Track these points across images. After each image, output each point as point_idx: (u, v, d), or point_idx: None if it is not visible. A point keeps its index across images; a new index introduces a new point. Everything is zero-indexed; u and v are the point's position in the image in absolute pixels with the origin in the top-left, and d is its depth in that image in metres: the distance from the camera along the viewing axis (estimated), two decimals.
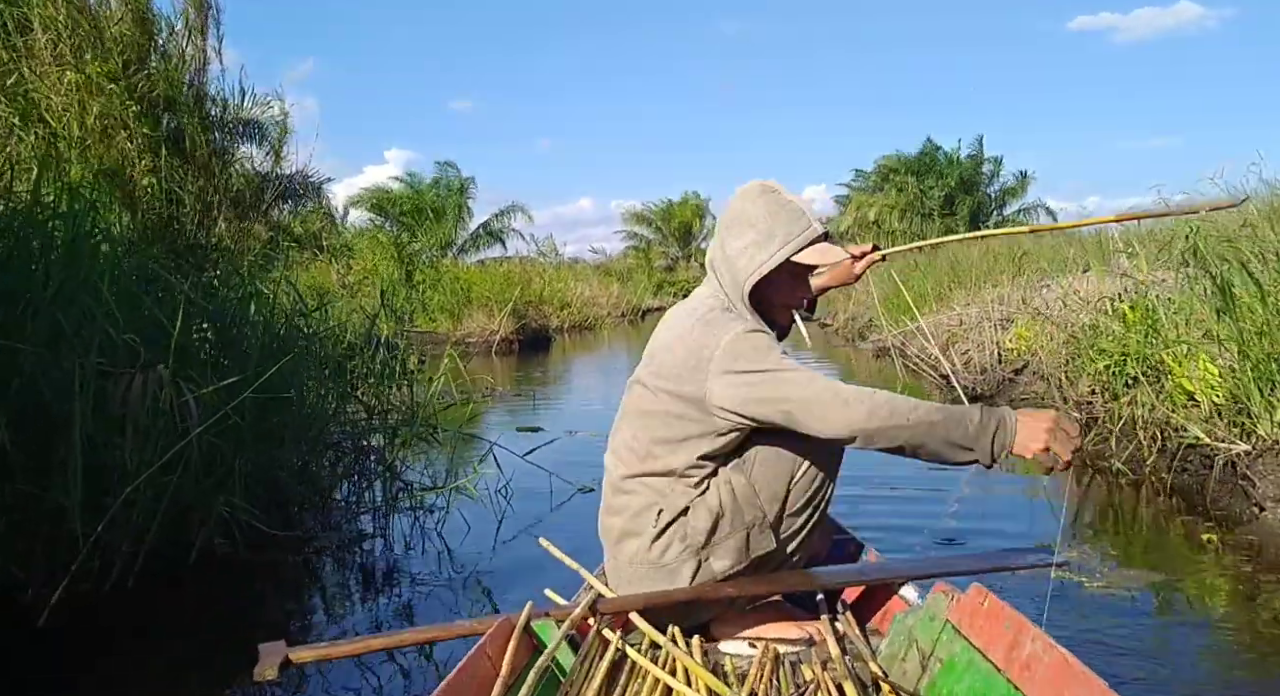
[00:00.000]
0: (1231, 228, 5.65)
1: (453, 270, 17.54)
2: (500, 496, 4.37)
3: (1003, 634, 1.56)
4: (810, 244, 1.86)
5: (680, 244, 44.82)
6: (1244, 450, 3.56)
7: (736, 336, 1.80)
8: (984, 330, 7.62)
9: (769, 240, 1.86)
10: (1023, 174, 30.68)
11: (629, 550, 1.94)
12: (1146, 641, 2.49)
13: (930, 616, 1.77)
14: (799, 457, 1.88)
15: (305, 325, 4.71)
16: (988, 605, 1.63)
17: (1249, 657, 2.42)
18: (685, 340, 1.88)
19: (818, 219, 1.90)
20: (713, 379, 1.80)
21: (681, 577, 1.89)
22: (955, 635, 1.68)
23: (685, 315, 1.95)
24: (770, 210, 1.88)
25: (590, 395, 9.78)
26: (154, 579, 3.00)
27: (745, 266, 1.87)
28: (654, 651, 1.78)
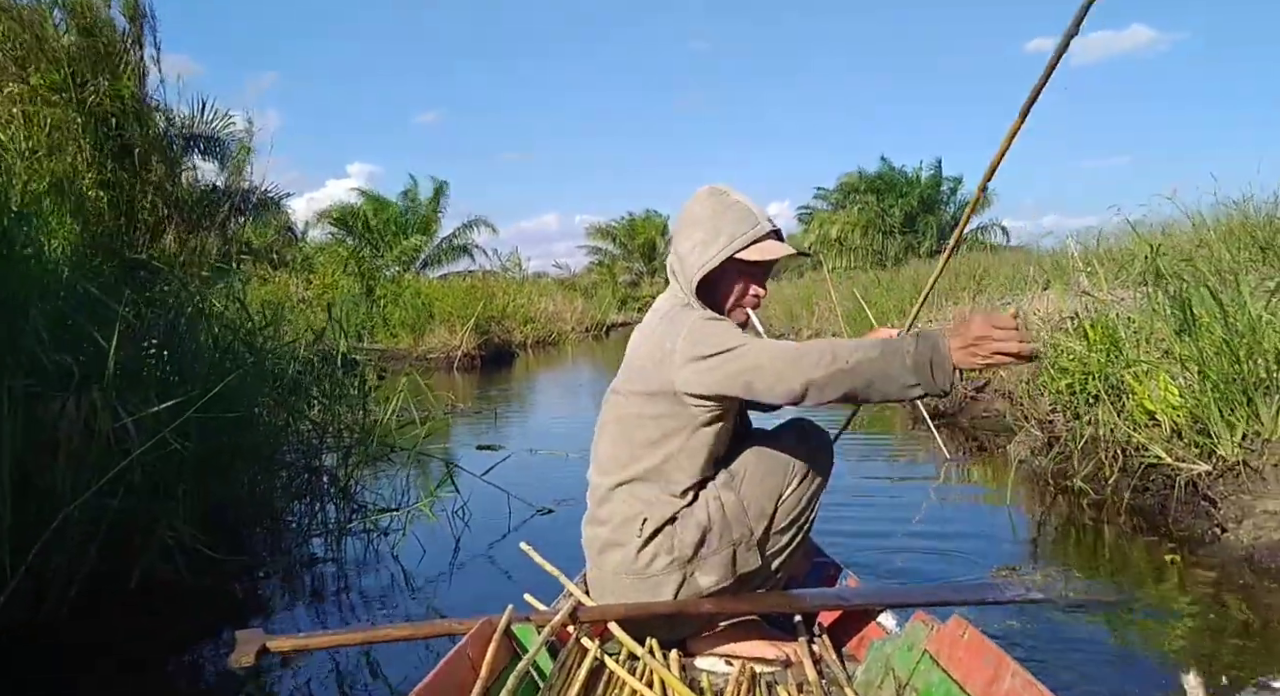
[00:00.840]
0: (1188, 247, 5.72)
1: (414, 285, 17.32)
2: (457, 517, 4.26)
3: (982, 667, 1.54)
4: (756, 241, 1.90)
5: (644, 260, 44.83)
6: (1205, 470, 3.55)
7: (694, 324, 1.84)
8: None
9: (715, 238, 1.91)
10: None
11: (613, 560, 1.95)
12: (1107, 667, 2.45)
13: (909, 645, 1.76)
14: (788, 476, 1.92)
15: (258, 341, 4.59)
16: (968, 637, 1.62)
17: (1214, 685, 2.39)
18: (650, 338, 1.94)
19: (768, 218, 1.93)
20: (678, 369, 1.83)
21: (666, 590, 1.89)
22: (933, 666, 1.67)
23: (651, 317, 2.02)
24: (716, 210, 1.94)
25: (553, 411, 9.68)
26: (93, 606, 2.87)
27: (694, 263, 1.93)
28: (632, 662, 1.79)
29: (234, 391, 3.72)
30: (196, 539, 3.17)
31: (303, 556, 3.83)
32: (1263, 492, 3.27)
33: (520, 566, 3.67)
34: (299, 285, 15.44)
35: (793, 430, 2.02)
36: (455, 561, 3.76)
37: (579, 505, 4.42)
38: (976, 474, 5.37)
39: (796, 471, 1.94)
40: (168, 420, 3.08)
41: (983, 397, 6.99)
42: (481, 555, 3.83)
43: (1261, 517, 3.18)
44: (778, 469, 1.93)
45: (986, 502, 4.72)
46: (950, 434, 6.32)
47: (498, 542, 4.00)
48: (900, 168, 31.70)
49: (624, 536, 1.93)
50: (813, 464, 1.95)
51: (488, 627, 1.73)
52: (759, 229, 1.91)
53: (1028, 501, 4.51)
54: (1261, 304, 3.67)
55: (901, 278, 13.76)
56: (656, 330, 1.93)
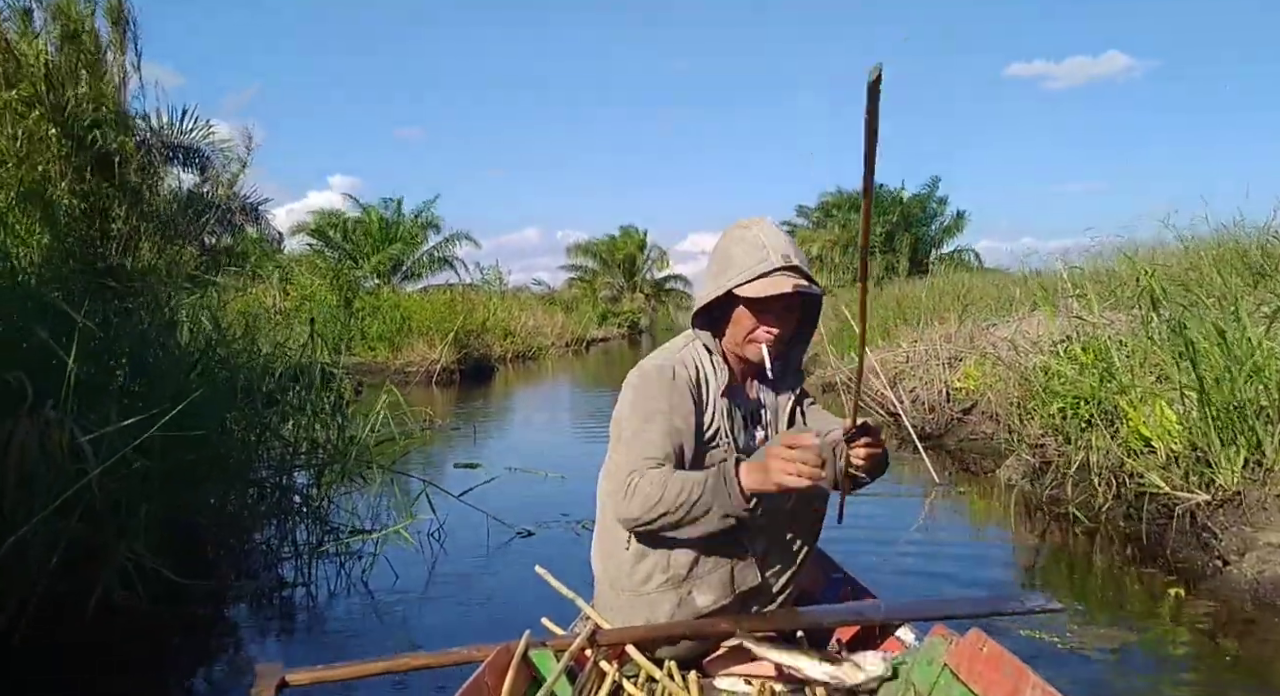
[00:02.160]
0: (1178, 271, 5.68)
1: (393, 298, 17.12)
2: (433, 540, 4.12)
3: (1002, 680, 1.52)
4: (760, 277, 1.84)
5: (625, 275, 44.77)
6: (1204, 500, 3.47)
7: (634, 374, 1.92)
8: (931, 368, 7.57)
9: (722, 271, 1.89)
10: (959, 214, 31.43)
11: (610, 576, 1.95)
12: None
13: (928, 660, 1.74)
14: (786, 492, 1.82)
15: (229, 354, 4.44)
16: (987, 651, 1.60)
17: None
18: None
19: (784, 254, 1.86)
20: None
21: (663, 609, 1.87)
22: (953, 680, 1.65)
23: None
24: (731, 243, 1.92)
25: (533, 428, 9.53)
26: (48, 635, 2.71)
27: (698, 298, 1.96)
28: (650, 684, 1.76)
29: (202, 406, 3.57)
30: (158, 562, 3.01)
31: (271, 580, 3.67)
32: (1265, 524, 3.19)
33: (495, 592, 3.56)
34: (276, 296, 15.23)
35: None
36: (430, 586, 3.61)
37: (559, 527, 4.38)
38: (966, 498, 5.28)
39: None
40: (132, 437, 2.93)
41: (970, 420, 6.91)
42: (457, 580, 3.68)
43: (1265, 551, 3.09)
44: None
45: (976, 528, 4.63)
46: (936, 456, 6.23)
47: (475, 566, 3.85)
48: (882, 186, 31.82)
49: (615, 550, 1.93)
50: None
51: (505, 654, 1.71)
52: (764, 265, 1.84)
53: (1019, 528, 4.42)
54: (1261, 329, 3.60)
55: (885, 296, 13.72)
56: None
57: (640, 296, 45.02)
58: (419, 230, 28.27)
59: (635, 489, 1.76)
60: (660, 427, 1.82)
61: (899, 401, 7.02)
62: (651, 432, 1.82)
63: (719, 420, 1.91)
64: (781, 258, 1.85)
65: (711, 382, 1.92)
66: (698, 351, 1.95)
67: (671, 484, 1.74)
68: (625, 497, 1.77)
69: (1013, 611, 2.12)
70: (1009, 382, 5.89)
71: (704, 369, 1.92)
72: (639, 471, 1.77)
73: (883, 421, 7.64)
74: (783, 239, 1.90)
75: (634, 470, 1.78)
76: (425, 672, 1.88)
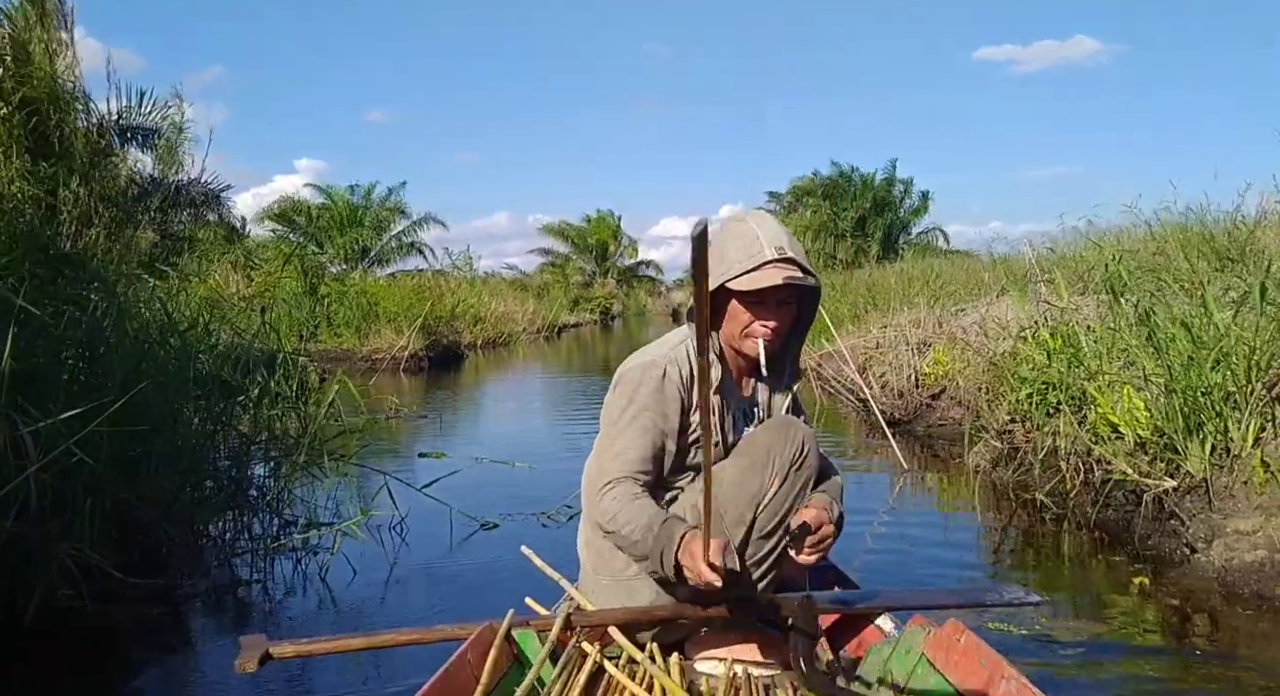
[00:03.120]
0: (1147, 256, 5.67)
1: (359, 284, 16.89)
2: (395, 533, 4.03)
3: (978, 670, 1.54)
4: (751, 270, 1.82)
5: (597, 260, 44.59)
6: (1171, 487, 3.45)
7: (626, 368, 1.93)
8: (900, 353, 7.55)
9: (716, 266, 1.85)
10: (924, 195, 31.61)
11: (593, 562, 1.97)
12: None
13: (906, 648, 1.77)
14: (767, 479, 1.85)
15: (184, 343, 4.30)
16: (964, 641, 1.62)
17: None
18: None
19: (777, 246, 1.84)
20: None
21: (643, 594, 1.89)
22: (930, 669, 1.67)
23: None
24: (726, 236, 1.90)
25: (503, 416, 9.42)
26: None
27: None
28: (631, 666, 1.79)
29: (152, 397, 3.46)
30: (104, 560, 2.90)
31: (225, 577, 3.56)
32: (1233, 511, 3.17)
33: (458, 588, 3.48)
34: (240, 283, 14.96)
35: (775, 429, 1.92)
36: (390, 582, 3.52)
37: (526, 518, 4.29)
38: (934, 485, 5.26)
39: (777, 473, 1.85)
40: (78, 429, 2.81)
41: (938, 406, 6.90)
42: (419, 575, 3.59)
43: (1233, 538, 3.08)
44: (756, 473, 1.86)
45: (944, 515, 4.61)
46: (905, 442, 6.21)
47: (438, 561, 3.77)
48: (853, 170, 31.88)
49: (595, 537, 1.94)
50: (795, 465, 1.86)
51: (489, 632, 1.74)
52: (756, 257, 1.83)
53: (988, 515, 4.40)
54: (1229, 314, 3.58)
55: (855, 281, 13.73)
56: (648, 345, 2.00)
57: (612, 282, 44.87)
58: (387, 215, 28.01)
59: (604, 499, 1.83)
60: (643, 428, 1.85)
61: (868, 387, 6.99)
62: (634, 433, 1.85)
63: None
64: (775, 250, 1.83)
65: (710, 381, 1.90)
66: (692, 348, 1.91)
67: (626, 511, 1.79)
68: (597, 495, 1.84)
69: (992, 603, 2.14)
70: (977, 368, 5.87)
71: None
72: (616, 481, 1.83)
73: (852, 406, 7.63)
74: (777, 229, 1.88)
75: (612, 478, 1.83)
76: (407, 649, 1.92)
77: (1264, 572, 2.91)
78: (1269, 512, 3.05)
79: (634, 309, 47.18)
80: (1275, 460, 3.15)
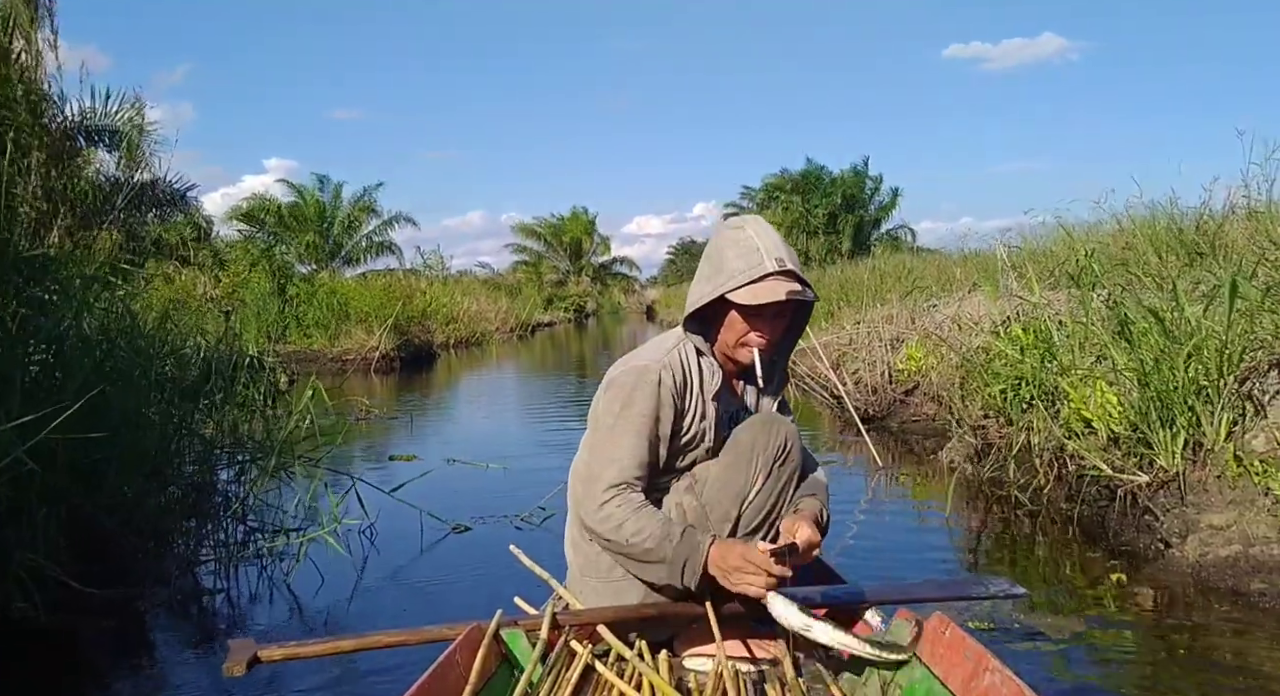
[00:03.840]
0: (1116, 250, 5.70)
1: (329, 284, 16.69)
2: (365, 539, 3.95)
3: (963, 663, 1.56)
4: (752, 282, 1.82)
5: (571, 258, 44.48)
6: (1145, 482, 3.45)
7: (618, 372, 1.91)
8: (874, 350, 7.55)
9: (714, 275, 1.87)
10: (894, 192, 31.91)
11: (580, 564, 1.99)
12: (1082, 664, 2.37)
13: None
14: (751, 476, 1.88)
15: (147, 344, 4.20)
16: (949, 634, 1.64)
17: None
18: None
19: (777, 258, 1.84)
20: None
21: (631, 595, 1.91)
22: (916, 662, 1.69)
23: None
24: (725, 245, 1.89)
25: (475, 417, 9.34)
26: None
27: (691, 298, 1.92)
28: (620, 664, 1.79)
29: (115, 400, 3.37)
30: (61, 570, 2.81)
31: (189, 586, 3.47)
32: (1206, 506, 3.17)
33: (430, 594, 3.41)
34: (207, 283, 14.74)
35: (758, 426, 1.94)
36: (360, 589, 3.45)
37: (499, 522, 4.23)
38: (908, 481, 5.25)
39: (761, 469, 1.88)
40: (32, 434, 2.72)
41: (912, 401, 6.90)
42: (389, 581, 3.53)
43: (1207, 533, 3.08)
44: (741, 470, 1.88)
45: (919, 511, 4.59)
46: (879, 438, 6.20)
47: (409, 566, 3.70)
48: (824, 167, 32.05)
49: (582, 541, 1.96)
50: (779, 461, 1.90)
51: (477, 632, 1.74)
52: (758, 269, 1.83)
53: (963, 511, 4.39)
54: (1200, 308, 3.58)
55: (828, 278, 13.75)
56: (639, 348, 2.01)
57: (586, 280, 44.77)
58: (358, 214, 27.78)
59: (606, 504, 1.81)
60: (637, 433, 1.85)
61: (842, 384, 6.98)
62: (628, 438, 1.84)
63: (699, 423, 1.93)
64: (775, 261, 1.83)
65: (706, 386, 1.93)
66: (688, 353, 1.93)
67: (634, 521, 1.78)
68: (595, 508, 1.82)
69: (978, 596, 2.17)
70: (950, 364, 5.87)
71: (692, 372, 1.92)
72: (617, 489, 1.82)
73: (825, 403, 7.61)
74: (776, 240, 1.88)
75: (612, 485, 1.82)
76: (395, 650, 1.91)
77: (1239, 567, 2.91)
78: (1242, 507, 3.05)
79: (608, 307, 47.11)
80: (1248, 454, 3.15)
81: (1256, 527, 2.95)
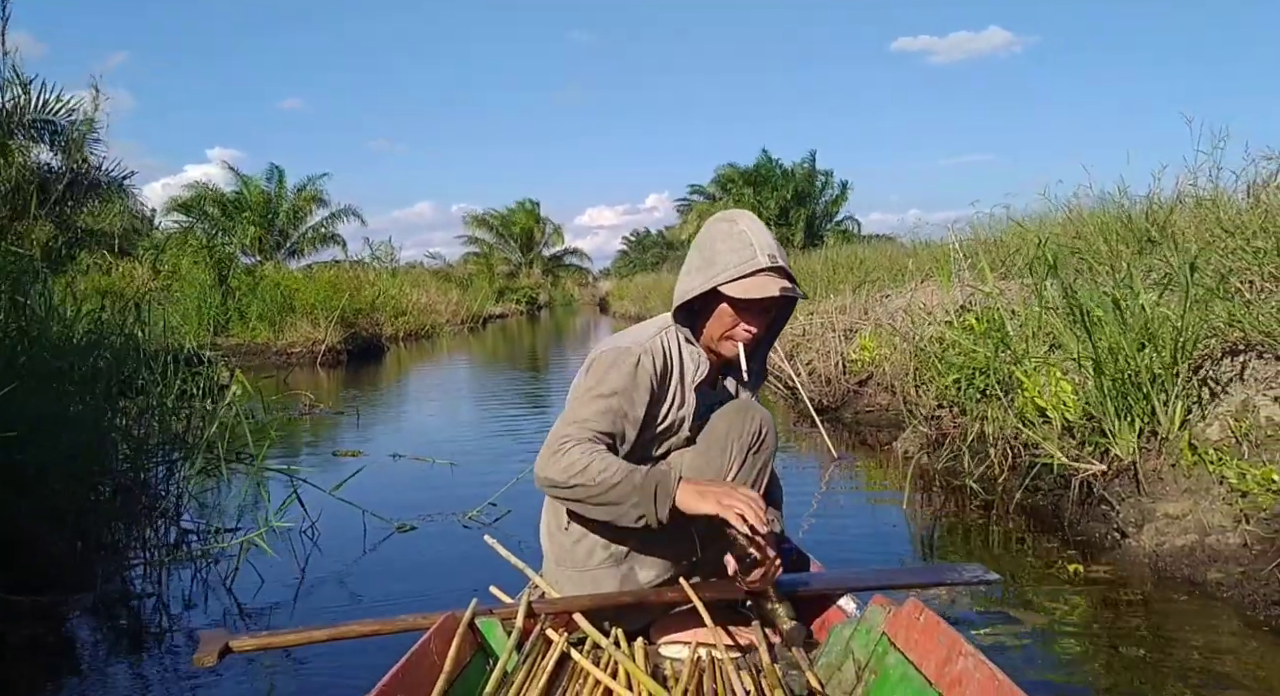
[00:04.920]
0: (1067, 240, 5.71)
1: (274, 276, 16.29)
2: (306, 538, 3.80)
3: (937, 648, 1.57)
4: (745, 276, 1.82)
5: (522, 250, 44.15)
6: (1099, 471, 3.43)
7: (599, 352, 1.90)
8: (828, 340, 7.52)
9: (706, 267, 1.87)
10: (843, 184, 32.28)
11: (555, 554, 1.99)
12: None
13: (867, 628, 1.79)
14: (726, 462, 1.90)
15: (74, 337, 4.00)
16: (924, 620, 1.65)
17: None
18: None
19: (769, 253, 1.83)
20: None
21: (607, 584, 1.92)
22: (891, 648, 1.70)
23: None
24: (716, 237, 1.89)
25: (424, 411, 9.15)
26: None
27: (680, 289, 1.92)
28: (596, 652, 1.79)
29: (38, 395, 3.18)
30: None
31: (117, 591, 3.30)
32: (1161, 495, 3.15)
33: (375, 596, 3.27)
34: (145, 274, 14.30)
35: (733, 413, 1.96)
36: (300, 591, 3.30)
37: (446, 520, 4.10)
38: (863, 472, 5.21)
39: (736, 456, 1.90)
40: None
41: (866, 392, 6.89)
42: (331, 582, 3.39)
43: (1163, 522, 3.06)
44: (715, 457, 1.90)
45: (874, 504, 4.56)
46: (833, 428, 6.17)
47: (351, 567, 3.56)
48: (777, 160, 32.24)
49: (556, 530, 1.97)
50: (754, 448, 1.92)
51: (451, 621, 1.74)
52: (751, 264, 1.82)
53: (917, 502, 4.36)
54: (1154, 296, 3.57)
55: None
56: (624, 330, 2.01)
57: (538, 272, 44.48)
58: (303, 204, 27.24)
59: (565, 451, 1.77)
60: (608, 408, 1.83)
61: (796, 375, 6.94)
62: (597, 410, 1.83)
63: (677, 411, 1.92)
64: (767, 257, 1.83)
65: (686, 374, 1.92)
66: (671, 341, 1.93)
67: (599, 460, 1.75)
68: (552, 455, 1.78)
69: (951, 582, 2.19)
70: (904, 354, 5.85)
71: (675, 360, 1.92)
72: (577, 440, 1.78)
73: (779, 394, 7.58)
74: (768, 237, 1.87)
75: (573, 438, 1.79)
76: (369, 640, 1.87)
77: (1195, 557, 2.89)
78: (1197, 496, 3.04)
79: (561, 299, 46.85)
80: (1202, 443, 3.14)
81: (1212, 517, 2.94)
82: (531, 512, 2.14)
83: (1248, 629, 2.55)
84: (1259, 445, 2.99)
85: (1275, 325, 3.23)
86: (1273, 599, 2.58)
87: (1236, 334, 3.36)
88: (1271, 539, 2.73)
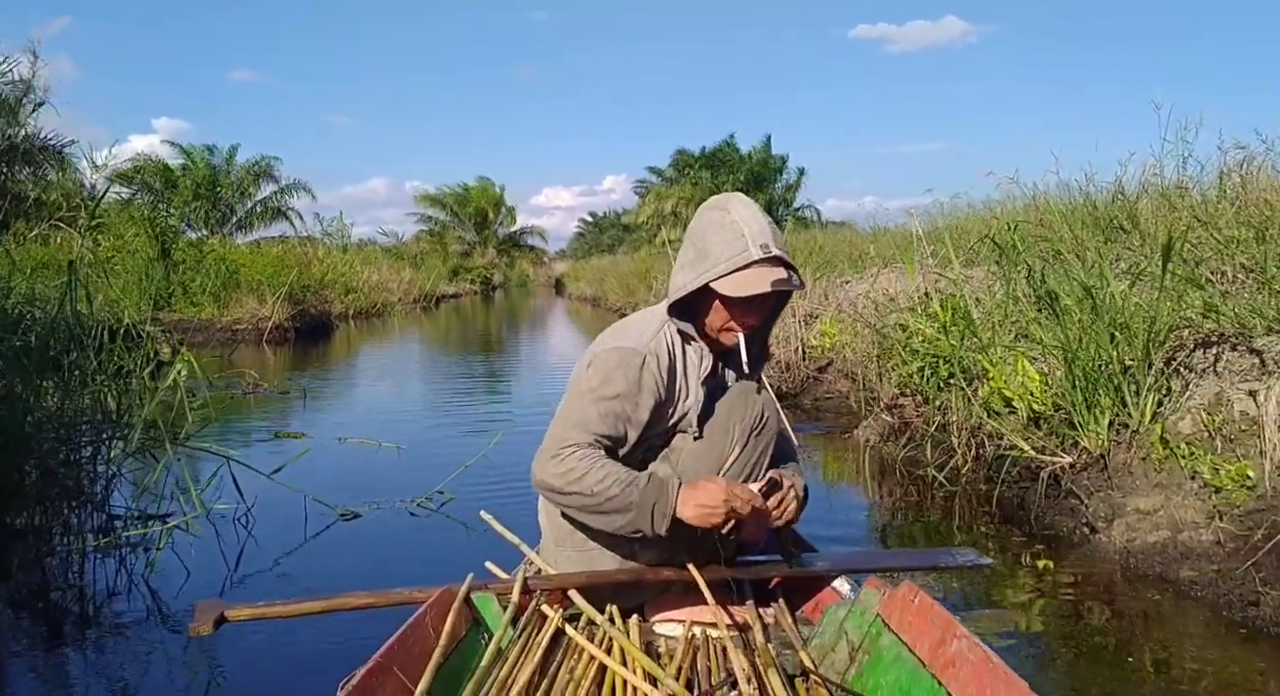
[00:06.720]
0: (1031, 227, 5.65)
1: (218, 250, 15.79)
2: (240, 525, 3.60)
3: (930, 630, 1.58)
4: (738, 270, 1.76)
5: (477, 229, 43.59)
6: (1068, 463, 3.35)
7: (603, 350, 1.85)
8: (787, 325, 7.42)
9: (699, 260, 1.82)
10: (800, 171, 32.34)
11: (554, 534, 1.98)
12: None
13: (862, 610, 1.80)
14: (728, 446, 1.88)
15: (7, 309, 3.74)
16: (918, 602, 1.66)
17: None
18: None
19: (762, 244, 1.76)
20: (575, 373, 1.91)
21: (604, 564, 1.91)
22: (884, 629, 1.71)
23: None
24: (710, 228, 1.83)
25: (373, 392, 8.89)
26: None
27: (675, 283, 1.88)
28: (591, 628, 1.79)
29: None
30: None
31: (35, 581, 3.08)
32: (1132, 489, 3.08)
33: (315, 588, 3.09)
34: (86, 246, 13.73)
35: (735, 397, 1.93)
36: (233, 582, 3.11)
37: (393, 507, 3.92)
38: (821, 460, 5.11)
39: (738, 439, 1.88)
40: None
41: (825, 378, 6.81)
42: (268, 574, 3.19)
43: (1134, 517, 2.98)
44: (718, 440, 1.88)
45: (832, 492, 4.45)
46: (793, 415, 6.07)
47: (290, 557, 3.37)
48: (733, 142, 32.19)
49: (554, 513, 1.96)
50: (756, 430, 1.90)
51: (448, 595, 1.75)
52: (743, 257, 1.76)
53: (878, 491, 4.27)
54: (1125, 284, 3.50)
55: None
56: (609, 328, 1.98)
57: (492, 251, 43.98)
58: (249, 178, 26.58)
59: (564, 457, 1.76)
60: (610, 411, 1.81)
61: None
62: (600, 413, 1.80)
63: (684, 406, 1.89)
64: (760, 248, 1.76)
65: (691, 370, 1.89)
66: (673, 337, 1.89)
67: (598, 469, 1.74)
68: (550, 460, 1.77)
69: (946, 565, 2.19)
70: (866, 340, 5.76)
71: (678, 357, 1.89)
72: (579, 445, 1.77)
73: None
74: (761, 224, 1.80)
75: (574, 442, 1.78)
76: (364, 614, 1.83)
77: (1167, 554, 2.81)
78: (1169, 491, 2.96)
79: (516, 279, 46.39)
80: (1174, 436, 3.07)
81: (1185, 512, 2.87)
82: (479, 500, 2.03)
83: (1223, 629, 2.48)
84: (1232, 440, 2.92)
85: (1250, 316, 3.16)
86: (1248, 598, 2.51)
87: (1210, 325, 3.28)
88: (1245, 536, 2.65)
